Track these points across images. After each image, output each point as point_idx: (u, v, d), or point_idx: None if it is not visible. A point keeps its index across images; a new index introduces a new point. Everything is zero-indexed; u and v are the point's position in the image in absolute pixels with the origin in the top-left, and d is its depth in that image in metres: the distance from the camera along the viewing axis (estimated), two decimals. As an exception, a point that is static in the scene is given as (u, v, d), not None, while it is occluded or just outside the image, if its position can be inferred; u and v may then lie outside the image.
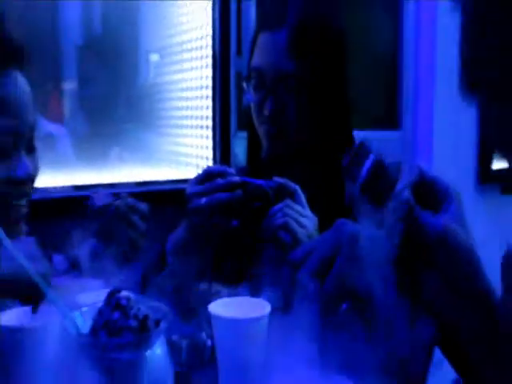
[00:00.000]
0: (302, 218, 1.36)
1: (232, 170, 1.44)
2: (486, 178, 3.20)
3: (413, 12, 3.06)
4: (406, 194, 0.84)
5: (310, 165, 1.57)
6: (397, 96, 3.09)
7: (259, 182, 1.40)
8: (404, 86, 3.08)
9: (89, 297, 1.12)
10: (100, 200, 1.40)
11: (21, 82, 1.28)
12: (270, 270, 1.52)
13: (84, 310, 0.97)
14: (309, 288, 0.86)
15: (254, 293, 1.17)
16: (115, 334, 0.89)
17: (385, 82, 3.10)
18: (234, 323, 1.05)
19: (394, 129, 3.09)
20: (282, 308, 1.16)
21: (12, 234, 1.03)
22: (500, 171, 3.20)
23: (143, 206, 1.47)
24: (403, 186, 0.85)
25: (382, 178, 0.87)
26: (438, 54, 3.00)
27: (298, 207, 1.38)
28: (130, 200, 1.45)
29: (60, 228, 1.32)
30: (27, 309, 1.05)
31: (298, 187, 1.41)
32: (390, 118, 3.09)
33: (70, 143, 2.40)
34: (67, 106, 2.44)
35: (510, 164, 0.72)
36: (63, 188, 1.82)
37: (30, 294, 1.01)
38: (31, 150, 1.33)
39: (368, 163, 0.87)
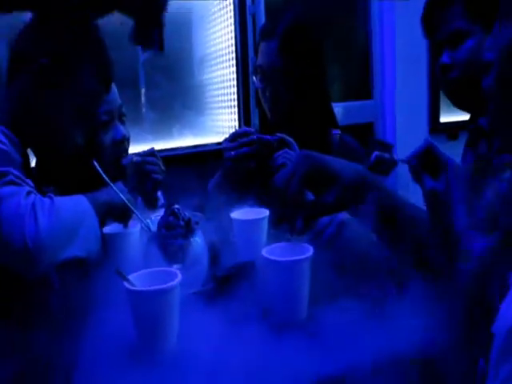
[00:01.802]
0: None
1: (251, 130, 1.52)
2: (435, 128, 3.18)
3: (377, 17, 3.05)
4: (414, 161, 0.92)
5: (299, 126, 1.62)
6: (369, 76, 3.09)
7: (267, 136, 1.48)
8: (374, 69, 3.08)
9: (156, 212, 1.29)
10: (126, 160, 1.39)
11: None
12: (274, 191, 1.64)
13: (153, 219, 1.15)
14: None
15: (262, 205, 1.29)
16: (171, 229, 1.04)
17: (361, 67, 3.09)
18: (246, 222, 1.21)
19: (368, 99, 3.10)
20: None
21: (114, 180, 1.17)
22: (446, 123, 3.18)
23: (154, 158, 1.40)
24: (413, 155, 0.93)
25: (381, 165, 0.97)
26: (397, 46, 3.00)
27: (292, 152, 1.46)
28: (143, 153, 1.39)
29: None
30: (119, 225, 1.21)
31: (292, 140, 1.50)
32: (365, 92, 3.10)
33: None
34: (145, 101, 2.56)
35: None
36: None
37: (122, 213, 1.19)
38: (122, 121, 1.44)
39: (373, 157, 0.97)
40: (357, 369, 0.82)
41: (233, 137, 1.53)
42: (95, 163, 1.11)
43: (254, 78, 1.65)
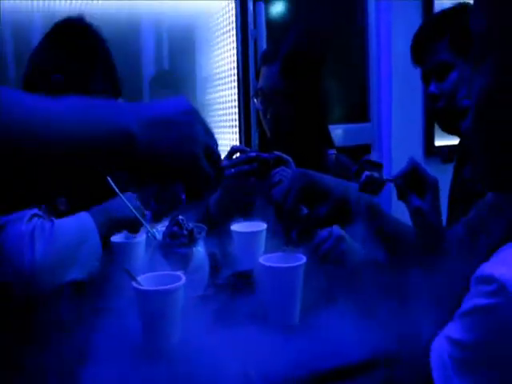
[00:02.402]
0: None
1: (244, 147, 1.60)
2: (430, 151, 3.22)
3: (375, 43, 3.13)
4: (400, 181, 1.01)
5: (297, 146, 1.69)
6: (367, 99, 3.16)
7: (265, 155, 1.52)
8: (372, 93, 3.16)
9: (162, 223, 1.37)
10: None
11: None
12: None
13: (159, 229, 1.23)
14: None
15: (260, 218, 1.35)
16: (175, 239, 1.11)
17: (360, 91, 3.17)
18: (245, 234, 1.29)
19: (366, 122, 3.16)
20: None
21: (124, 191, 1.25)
22: (440, 147, 3.21)
23: None
24: (398, 174, 1.01)
25: (370, 184, 1.05)
26: (394, 72, 3.09)
27: (289, 170, 1.51)
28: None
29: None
30: (128, 233, 1.29)
31: (289, 158, 1.55)
32: (362, 115, 3.17)
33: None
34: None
35: None
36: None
37: (131, 223, 1.27)
38: None
39: (363, 177, 1.05)
40: (347, 368, 0.88)
41: (230, 152, 1.59)
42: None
43: (255, 100, 1.73)
